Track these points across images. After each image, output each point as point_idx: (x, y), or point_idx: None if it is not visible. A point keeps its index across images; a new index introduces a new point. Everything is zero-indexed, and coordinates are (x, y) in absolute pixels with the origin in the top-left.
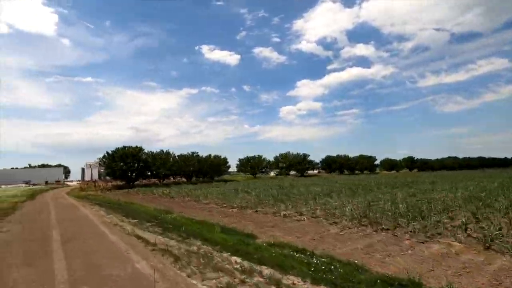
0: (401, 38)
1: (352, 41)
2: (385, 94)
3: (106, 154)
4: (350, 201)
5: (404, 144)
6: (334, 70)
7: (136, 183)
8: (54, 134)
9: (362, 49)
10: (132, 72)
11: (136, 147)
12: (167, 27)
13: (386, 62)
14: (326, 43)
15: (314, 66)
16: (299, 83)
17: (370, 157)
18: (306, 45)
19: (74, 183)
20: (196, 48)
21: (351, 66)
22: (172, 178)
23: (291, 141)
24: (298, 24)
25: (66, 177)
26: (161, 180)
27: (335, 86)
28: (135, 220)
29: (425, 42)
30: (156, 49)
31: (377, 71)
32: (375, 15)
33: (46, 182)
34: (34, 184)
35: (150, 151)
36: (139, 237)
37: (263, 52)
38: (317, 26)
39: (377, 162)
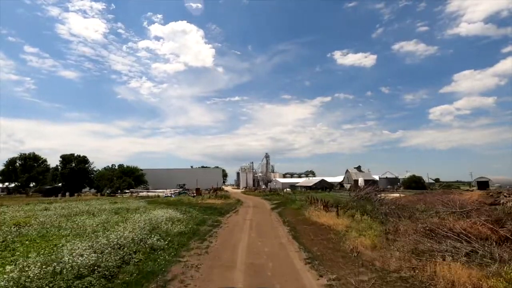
0: None
1: None
2: None
3: None
4: None
5: None
6: None
7: None
8: (213, 146)
9: None
10: (270, 87)
11: None
12: (300, 41)
13: None
14: (499, 20)
15: (480, 52)
16: (457, 76)
17: None
18: (467, 27)
19: (229, 187)
20: (328, 55)
21: None
22: None
23: (448, 148)
24: (453, 3)
25: (223, 182)
26: None
27: None
28: None
29: None
30: (291, 63)
31: None
32: None
33: (197, 190)
34: (180, 193)
35: None
36: None
37: (405, 46)
38: (483, 0)
39: None
